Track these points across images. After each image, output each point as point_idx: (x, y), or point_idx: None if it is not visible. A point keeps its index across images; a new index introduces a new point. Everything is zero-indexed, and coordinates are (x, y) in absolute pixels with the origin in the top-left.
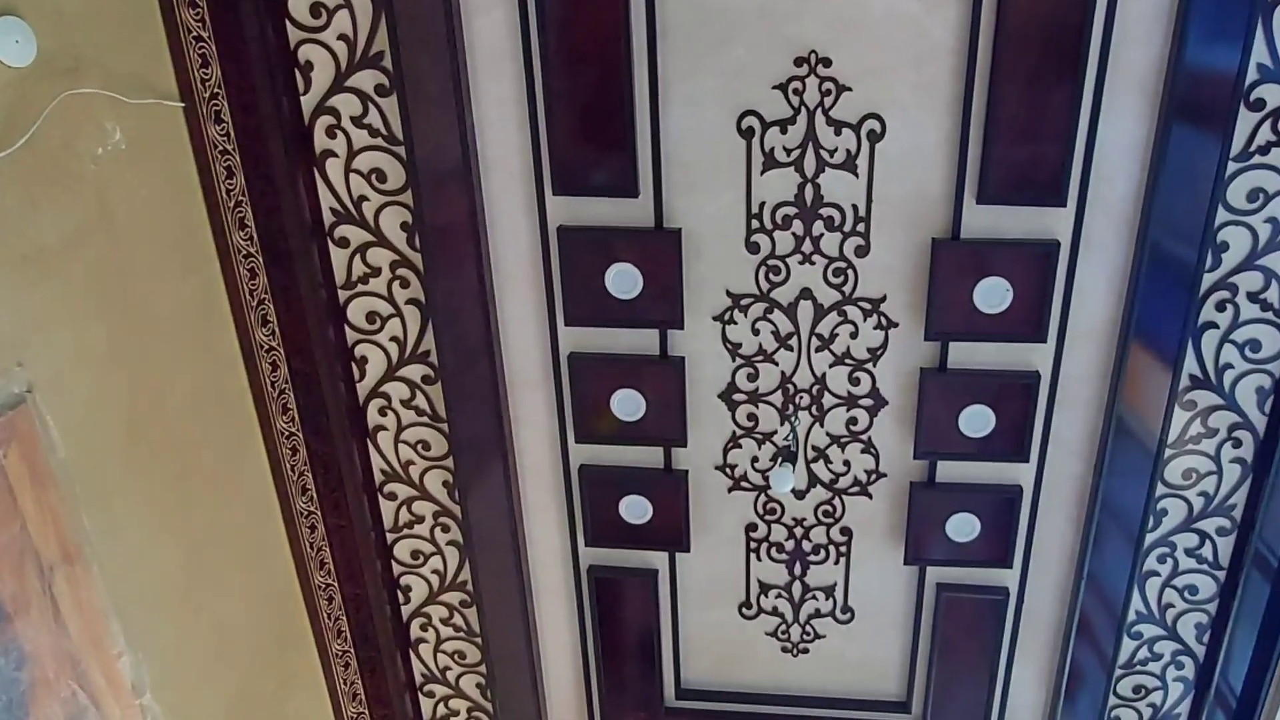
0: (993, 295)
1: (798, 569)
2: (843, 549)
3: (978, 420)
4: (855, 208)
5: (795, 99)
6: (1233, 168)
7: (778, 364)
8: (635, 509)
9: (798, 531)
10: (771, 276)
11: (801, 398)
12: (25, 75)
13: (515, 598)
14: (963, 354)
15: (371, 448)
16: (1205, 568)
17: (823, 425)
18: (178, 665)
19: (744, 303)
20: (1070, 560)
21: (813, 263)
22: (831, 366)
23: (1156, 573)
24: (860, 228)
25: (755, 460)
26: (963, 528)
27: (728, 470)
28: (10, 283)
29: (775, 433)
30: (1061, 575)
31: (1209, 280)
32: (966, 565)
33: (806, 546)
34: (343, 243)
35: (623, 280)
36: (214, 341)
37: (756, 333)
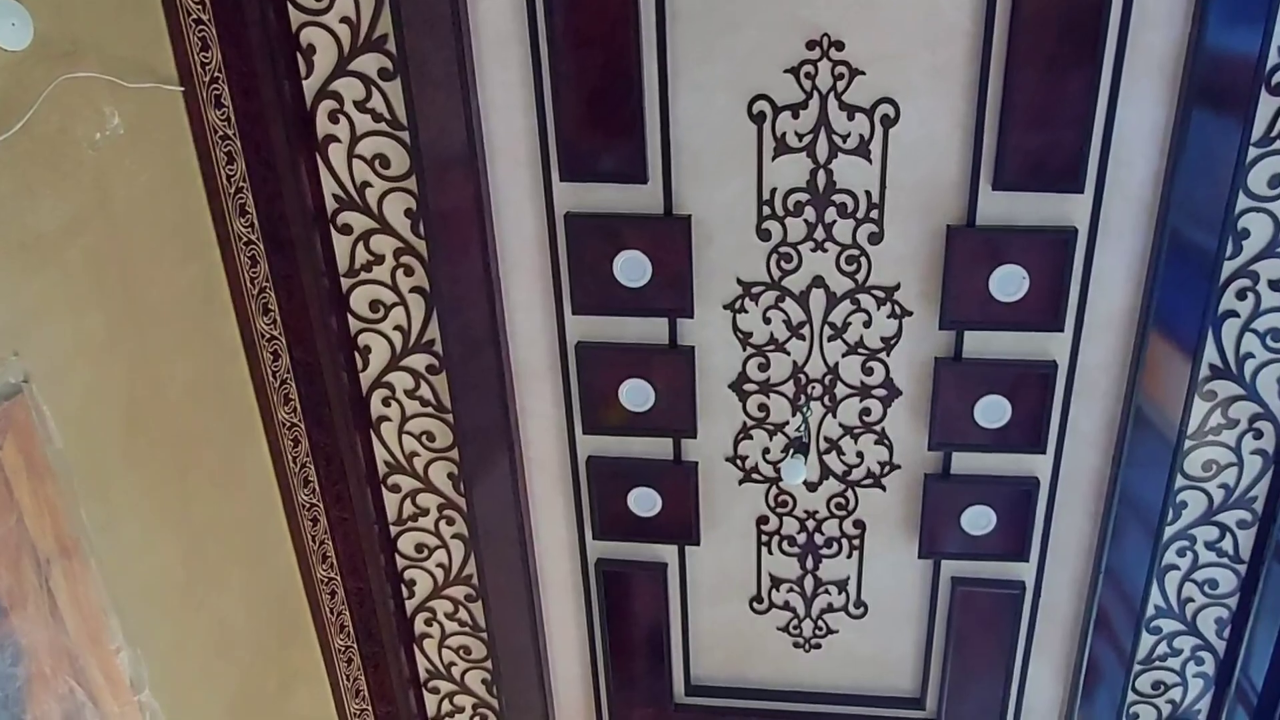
0: (1009, 283)
1: (810, 562)
2: (856, 542)
3: (993, 411)
4: (868, 194)
5: (807, 83)
6: (1254, 153)
7: (789, 353)
8: (644, 501)
9: (810, 524)
10: (783, 264)
11: (814, 388)
12: (21, 59)
13: (521, 592)
14: (978, 343)
15: (375, 439)
16: (1226, 561)
17: (835, 416)
18: (177, 661)
19: (755, 291)
20: (1088, 553)
21: (825, 250)
22: (844, 356)
23: (1176, 566)
24: (873, 214)
25: (766, 452)
26: (978, 520)
27: (738, 462)
28: (7, 271)
29: (787, 423)
30: (1079, 569)
31: (1229, 268)
32: (982, 558)
33: (819, 539)
34: (345, 230)
35: (631, 268)
36: (214, 330)
37: (768, 321)
